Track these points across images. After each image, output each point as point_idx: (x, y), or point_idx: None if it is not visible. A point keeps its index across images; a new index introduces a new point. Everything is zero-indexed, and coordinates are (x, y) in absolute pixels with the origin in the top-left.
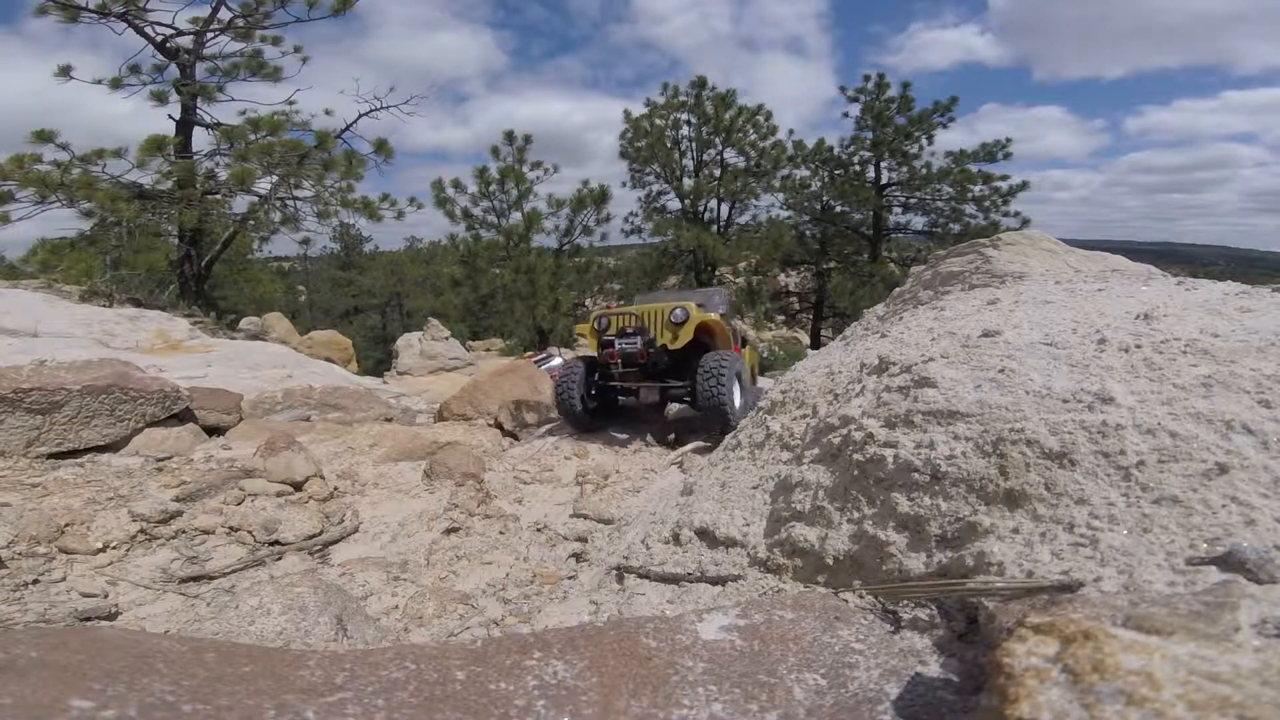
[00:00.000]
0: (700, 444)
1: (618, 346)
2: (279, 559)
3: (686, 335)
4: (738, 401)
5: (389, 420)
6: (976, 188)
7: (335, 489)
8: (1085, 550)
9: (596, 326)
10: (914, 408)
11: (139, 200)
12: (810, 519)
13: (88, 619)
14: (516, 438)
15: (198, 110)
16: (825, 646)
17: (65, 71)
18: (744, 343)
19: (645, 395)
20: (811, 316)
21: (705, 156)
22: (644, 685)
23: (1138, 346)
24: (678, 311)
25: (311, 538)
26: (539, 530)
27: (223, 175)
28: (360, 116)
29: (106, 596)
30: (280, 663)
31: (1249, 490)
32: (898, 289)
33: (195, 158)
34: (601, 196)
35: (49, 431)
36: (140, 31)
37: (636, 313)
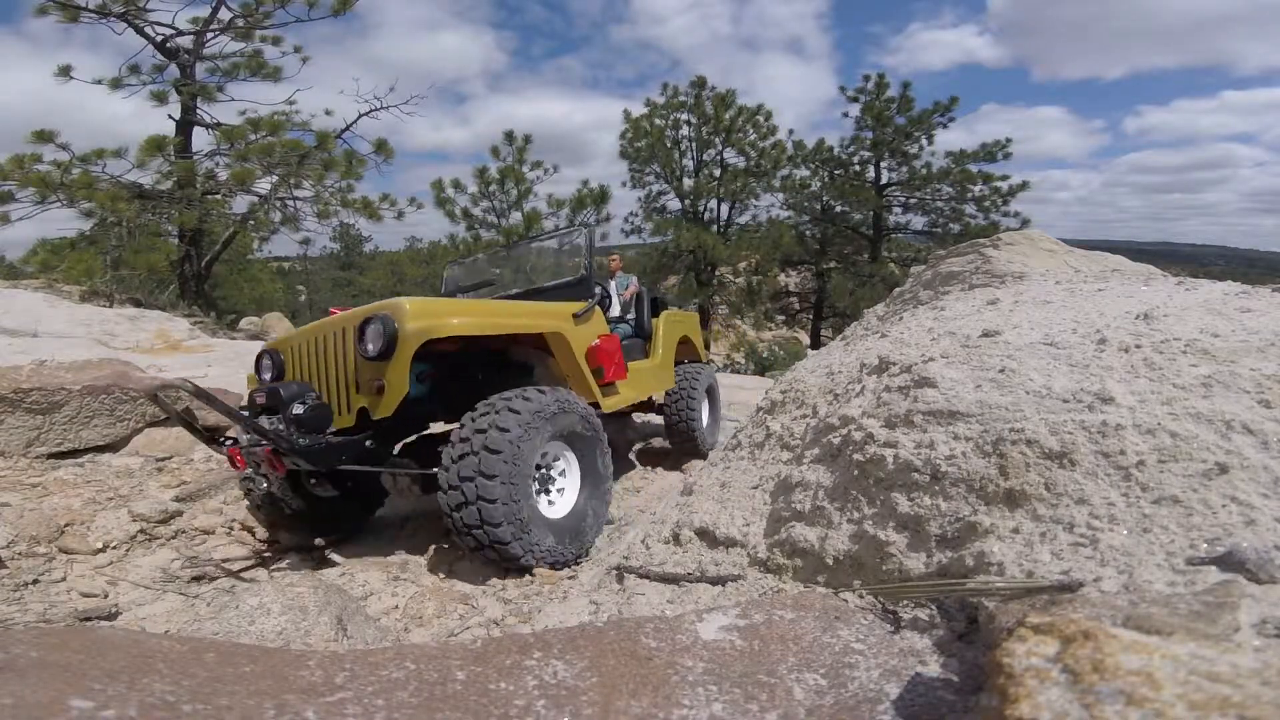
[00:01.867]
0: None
1: (241, 443)
2: (279, 559)
3: (398, 389)
4: (561, 509)
5: None
6: (976, 188)
7: None
8: (1085, 550)
9: (260, 375)
10: (914, 408)
11: (139, 200)
12: (810, 519)
13: (88, 619)
14: None
15: (198, 110)
16: (825, 646)
17: (65, 71)
18: (657, 306)
19: (388, 480)
20: (811, 316)
21: (705, 156)
22: (644, 685)
23: (1138, 346)
24: (372, 331)
25: (304, 540)
26: None
27: (223, 175)
28: (360, 116)
29: (106, 596)
30: (280, 663)
31: (1249, 490)
32: (898, 289)
33: (195, 158)
34: (601, 196)
35: (49, 431)
36: (140, 31)
37: (302, 344)
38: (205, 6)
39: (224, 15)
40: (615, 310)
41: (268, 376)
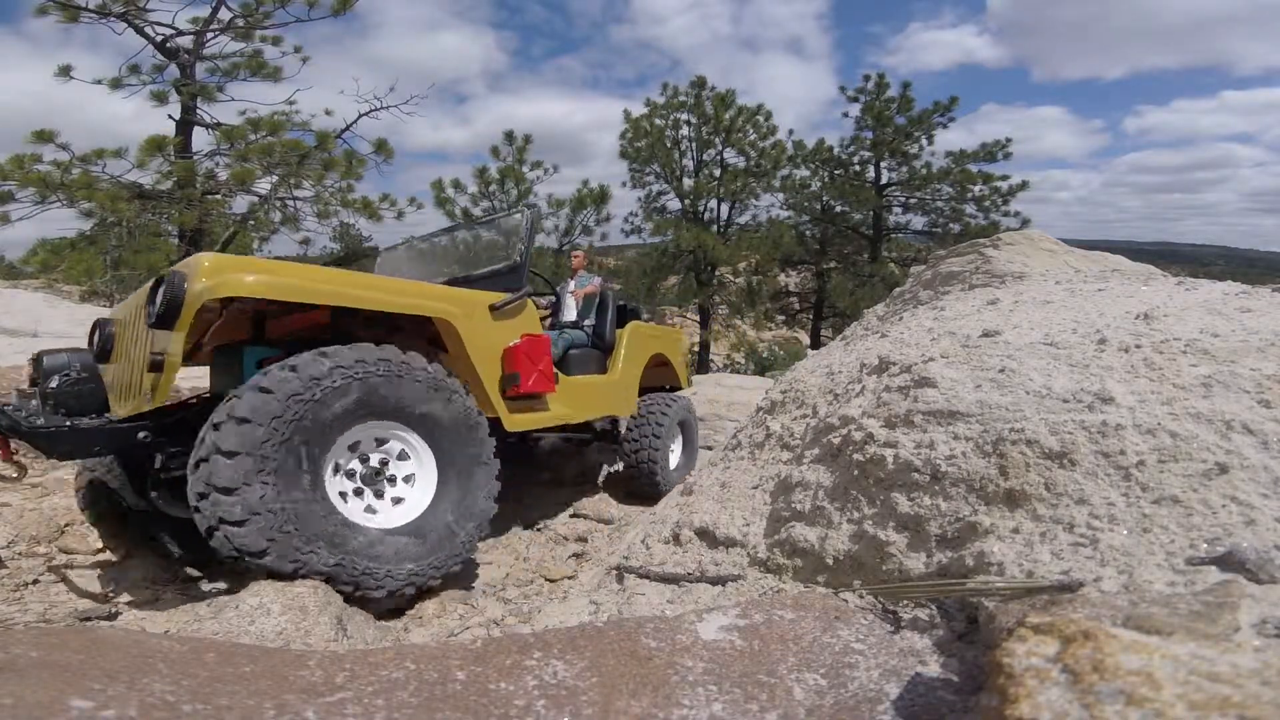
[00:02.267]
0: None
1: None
2: None
3: (172, 366)
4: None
5: None
6: (976, 188)
7: None
8: (1085, 550)
9: (91, 348)
10: (914, 408)
11: (139, 200)
12: (810, 519)
13: (88, 619)
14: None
15: (198, 110)
16: (825, 646)
17: (65, 71)
18: (625, 315)
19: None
20: (811, 316)
21: (705, 156)
22: (644, 685)
23: (1138, 346)
24: (161, 292)
25: None
26: (539, 530)
27: (223, 175)
28: (360, 116)
29: (107, 597)
30: (280, 663)
31: (1249, 490)
32: (898, 289)
33: (195, 158)
34: (601, 196)
35: None
36: (140, 31)
37: (126, 312)
38: (205, 6)
39: (224, 15)
40: (570, 314)
41: (96, 351)
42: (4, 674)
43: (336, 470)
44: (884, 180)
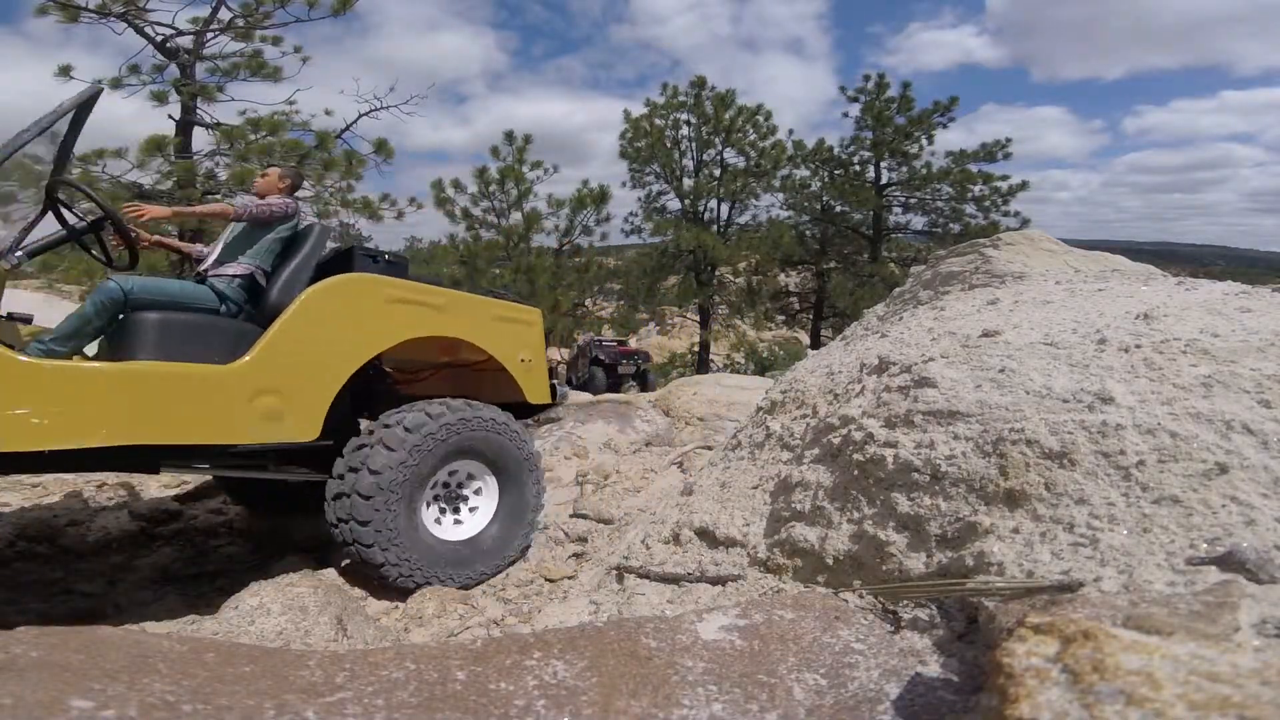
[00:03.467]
0: (701, 445)
1: None
2: (280, 559)
3: None
4: None
5: None
6: (976, 188)
7: None
8: (1085, 550)
9: None
10: (914, 408)
11: (139, 200)
12: (810, 519)
13: (88, 619)
14: None
15: (198, 110)
16: (825, 646)
17: (65, 71)
18: (339, 265)
19: None
20: (811, 316)
21: (705, 156)
22: (644, 685)
23: (1138, 346)
24: None
25: (312, 537)
26: (539, 530)
27: (223, 175)
28: (360, 116)
29: (106, 597)
30: (280, 663)
31: (1249, 490)
32: (898, 289)
33: (195, 158)
34: (601, 196)
35: None
36: (140, 31)
37: None
38: (205, 6)
39: (224, 15)
40: (214, 257)
41: None
42: (4, 674)
43: None
44: (884, 180)
